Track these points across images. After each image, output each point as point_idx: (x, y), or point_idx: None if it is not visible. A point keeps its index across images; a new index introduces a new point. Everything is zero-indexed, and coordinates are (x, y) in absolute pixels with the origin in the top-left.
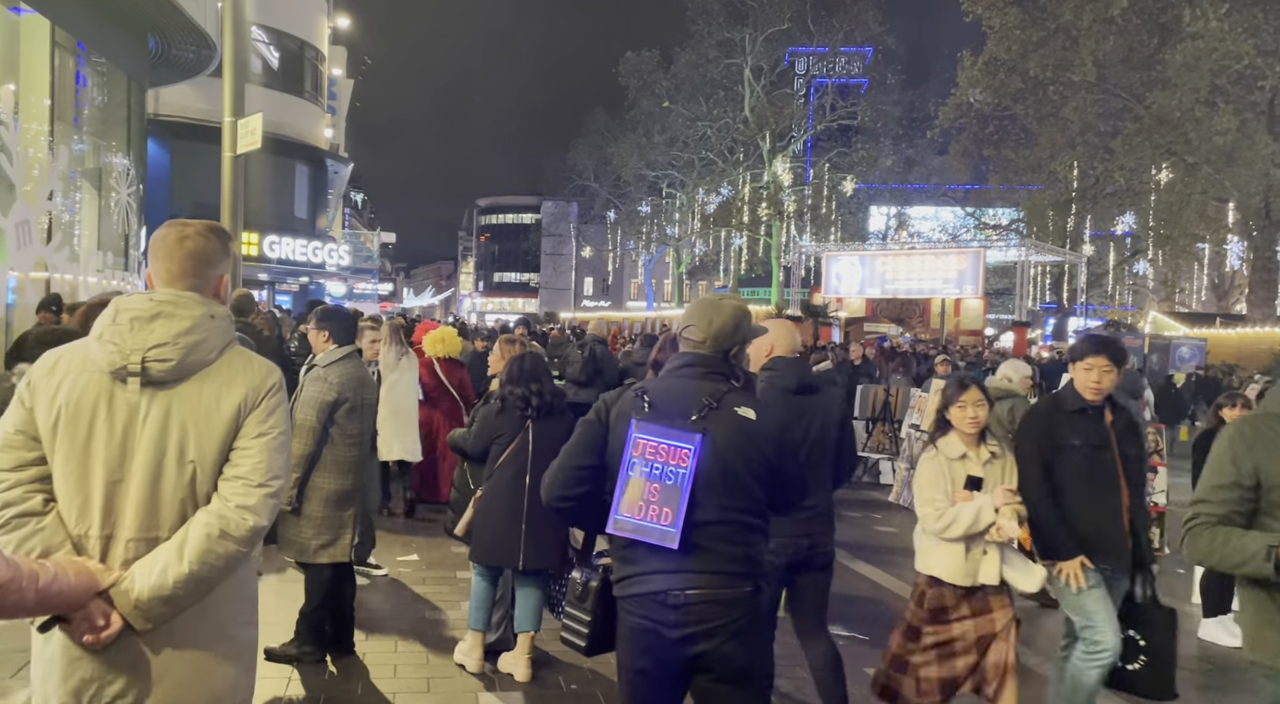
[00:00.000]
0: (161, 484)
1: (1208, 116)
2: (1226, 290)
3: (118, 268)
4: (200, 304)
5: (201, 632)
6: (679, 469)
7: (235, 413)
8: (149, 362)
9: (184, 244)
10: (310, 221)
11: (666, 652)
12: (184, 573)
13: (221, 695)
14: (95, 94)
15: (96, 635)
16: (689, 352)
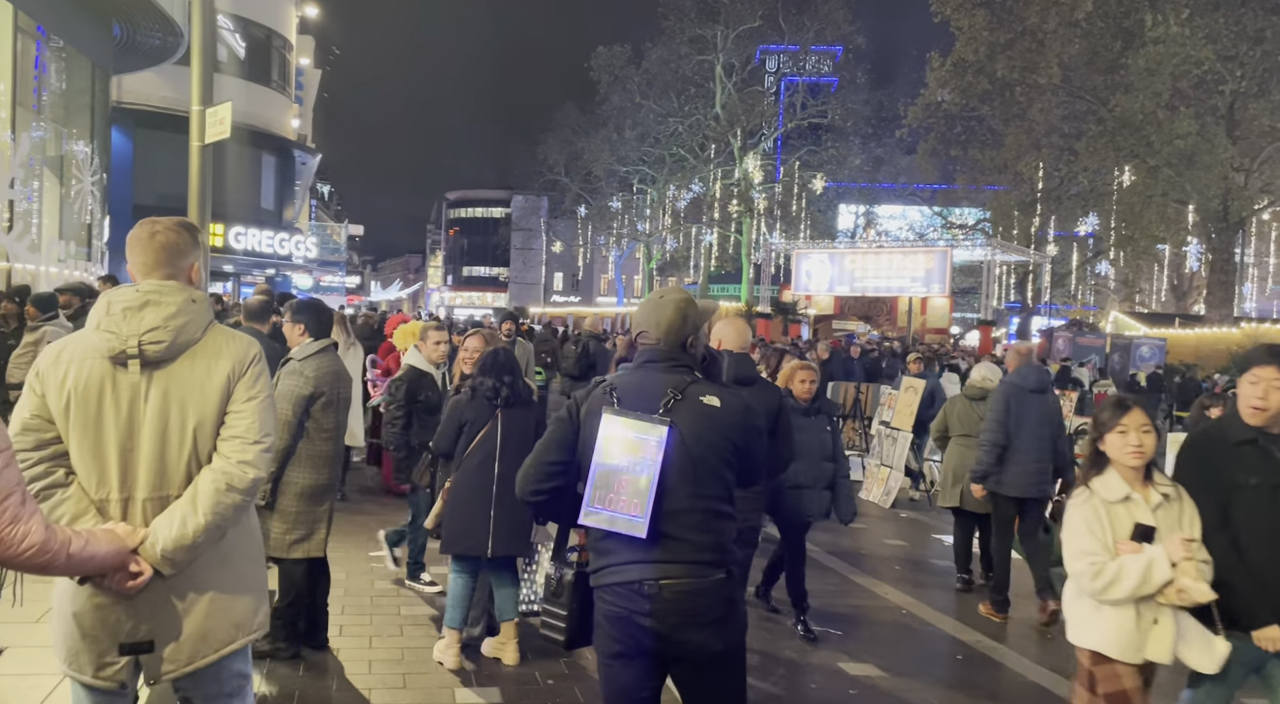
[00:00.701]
0: (167, 450)
1: (1169, 120)
2: (1185, 291)
3: (80, 257)
4: (182, 290)
5: (219, 571)
6: (645, 460)
7: (225, 382)
8: (145, 345)
9: (155, 239)
10: (277, 213)
11: (643, 639)
12: (200, 523)
13: (241, 623)
14: (56, 80)
15: (131, 583)
16: (648, 347)
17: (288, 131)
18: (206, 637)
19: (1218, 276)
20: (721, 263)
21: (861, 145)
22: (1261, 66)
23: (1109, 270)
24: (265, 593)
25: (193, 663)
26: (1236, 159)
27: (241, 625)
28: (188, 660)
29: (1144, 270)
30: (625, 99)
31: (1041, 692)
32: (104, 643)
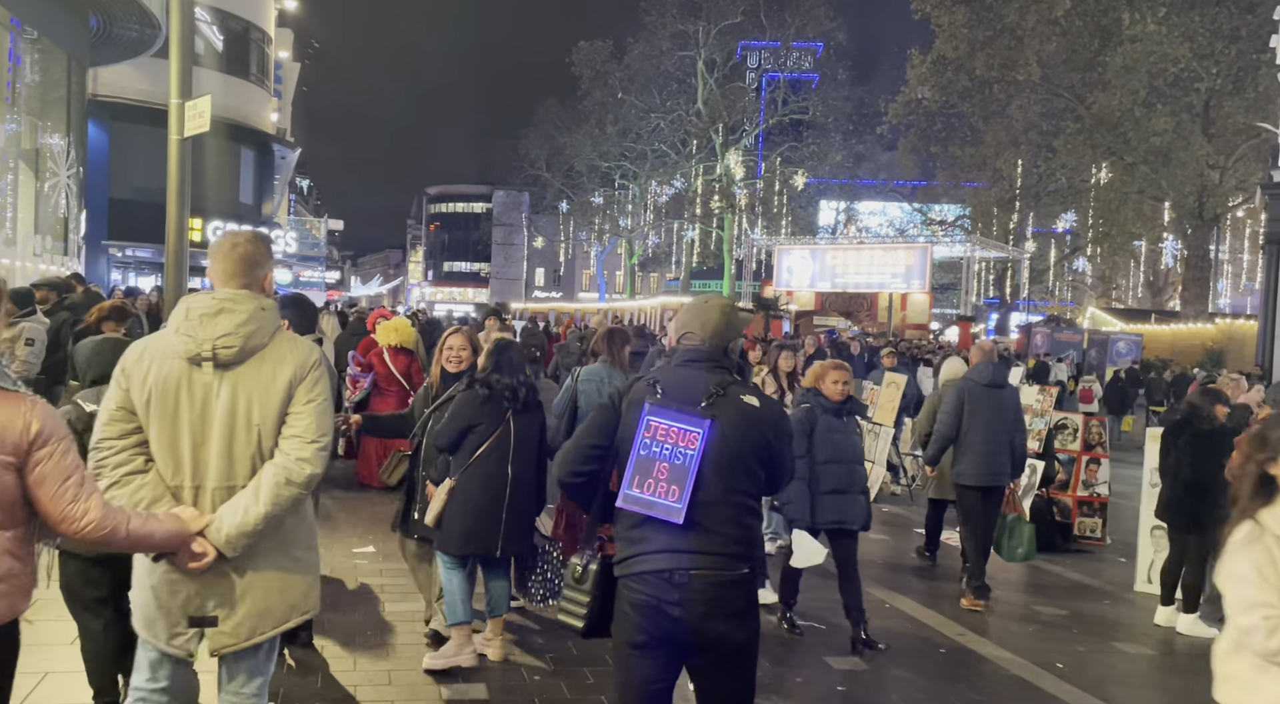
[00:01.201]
0: (234, 444)
1: (1145, 117)
2: (1161, 287)
3: (56, 252)
4: (253, 299)
5: (277, 555)
6: (688, 450)
7: (288, 385)
8: (218, 349)
9: (235, 250)
10: (256, 207)
11: (668, 628)
12: (260, 513)
13: (296, 604)
14: (31, 72)
15: (196, 562)
16: (693, 346)
17: (266, 125)
18: (265, 615)
19: (1193, 273)
20: (703, 258)
21: (842, 141)
22: (1236, 65)
23: (1086, 266)
24: (318, 576)
25: (251, 638)
26: (1212, 156)
27: (296, 606)
28: (247, 636)
29: (1120, 267)
30: (607, 94)
31: (1023, 684)
32: (175, 615)
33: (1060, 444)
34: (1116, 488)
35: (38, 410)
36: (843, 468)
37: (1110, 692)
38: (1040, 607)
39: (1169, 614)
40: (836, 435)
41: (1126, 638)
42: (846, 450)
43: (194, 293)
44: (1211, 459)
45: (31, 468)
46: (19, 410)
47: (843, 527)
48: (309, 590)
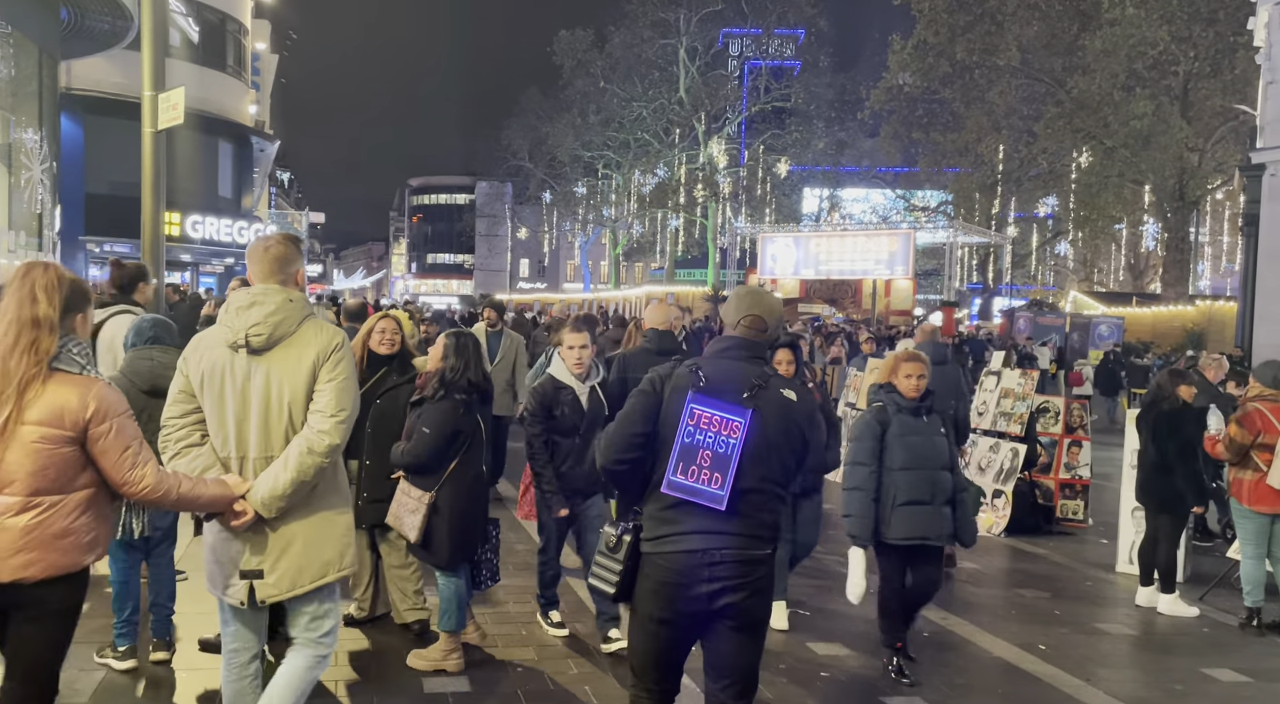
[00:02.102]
0: (269, 420)
1: (1125, 101)
2: (1142, 270)
3: (31, 248)
4: (281, 292)
5: (311, 517)
6: (730, 439)
7: (312, 366)
8: (250, 336)
9: (269, 252)
10: (235, 201)
11: (695, 604)
12: (289, 478)
13: (330, 561)
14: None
15: (238, 521)
16: (736, 336)
17: (244, 118)
18: (303, 569)
19: (1173, 255)
20: (687, 247)
21: (825, 129)
22: (1214, 47)
23: (1068, 250)
24: (351, 539)
25: (293, 590)
26: (1191, 139)
27: (330, 563)
28: (289, 587)
29: (1102, 250)
30: (589, 83)
31: (1006, 667)
32: (228, 569)
33: (1042, 427)
34: (1098, 469)
35: (95, 391)
36: (922, 475)
37: (1092, 672)
38: (1022, 589)
39: (1149, 594)
40: (913, 438)
41: (1108, 619)
42: (927, 455)
43: (241, 289)
44: (1177, 439)
45: (93, 442)
46: (80, 392)
47: (926, 543)
48: (344, 550)
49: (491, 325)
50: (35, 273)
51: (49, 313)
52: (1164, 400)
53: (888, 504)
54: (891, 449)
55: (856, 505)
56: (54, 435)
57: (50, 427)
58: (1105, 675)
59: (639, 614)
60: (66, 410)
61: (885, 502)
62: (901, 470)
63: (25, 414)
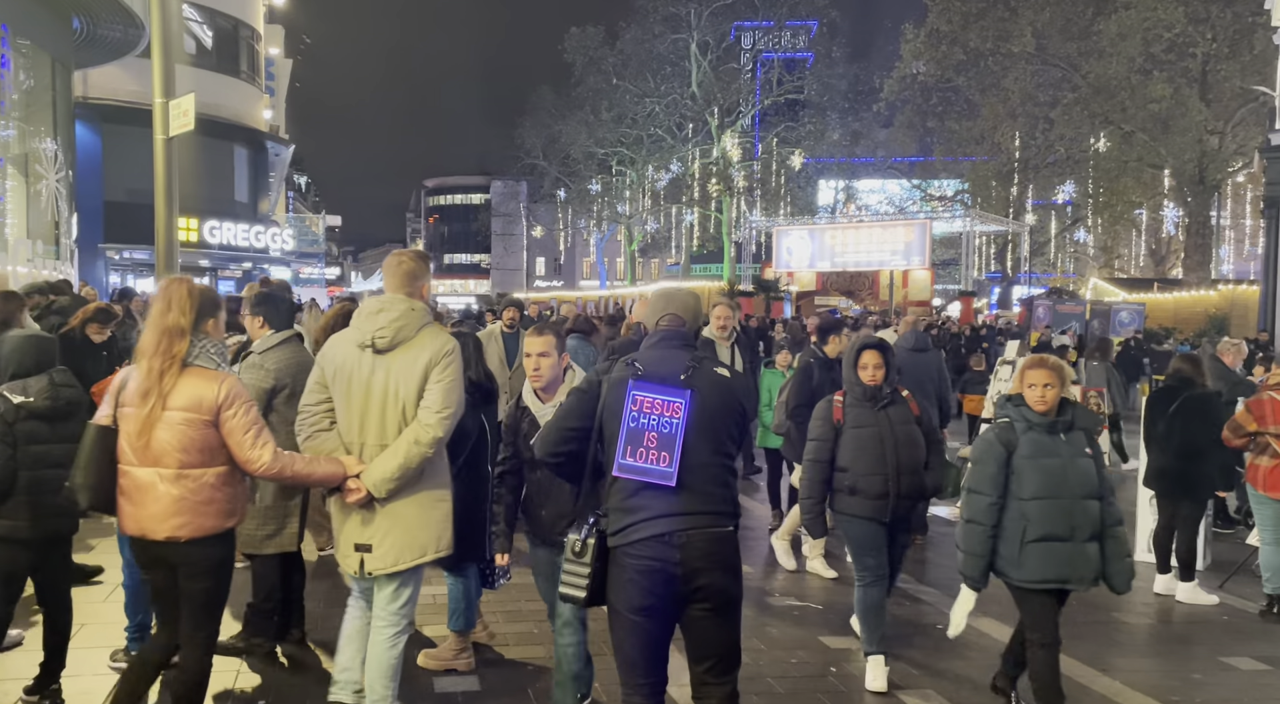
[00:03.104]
0: (387, 412)
1: (1142, 85)
2: (1163, 255)
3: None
4: (404, 302)
5: (414, 502)
6: (673, 420)
7: (425, 367)
8: (375, 338)
9: (401, 267)
10: (251, 206)
11: (670, 587)
12: (397, 464)
13: (428, 543)
14: (20, 77)
15: (350, 498)
16: (666, 329)
17: (259, 123)
18: (406, 547)
19: (1195, 240)
20: (703, 242)
21: (839, 120)
22: (1232, 28)
23: (1087, 237)
24: (448, 526)
25: (396, 565)
26: (1210, 122)
27: (429, 544)
28: (393, 562)
29: (1122, 236)
30: (601, 80)
31: None
32: (345, 542)
33: None
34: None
35: (226, 383)
36: (1060, 505)
37: (1109, 662)
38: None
39: (1167, 582)
40: (1048, 460)
41: (1125, 608)
42: (1066, 481)
43: (370, 297)
44: (1209, 424)
45: (223, 424)
46: (214, 384)
47: (1065, 586)
48: (442, 533)
49: (509, 326)
50: (172, 288)
51: (180, 321)
52: (1191, 385)
53: (1016, 539)
54: (1021, 475)
55: (972, 541)
56: (195, 419)
57: (192, 412)
58: (1122, 665)
59: (618, 610)
60: (204, 399)
61: (1013, 537)
62: (1034, 500)
63: (169, 401)
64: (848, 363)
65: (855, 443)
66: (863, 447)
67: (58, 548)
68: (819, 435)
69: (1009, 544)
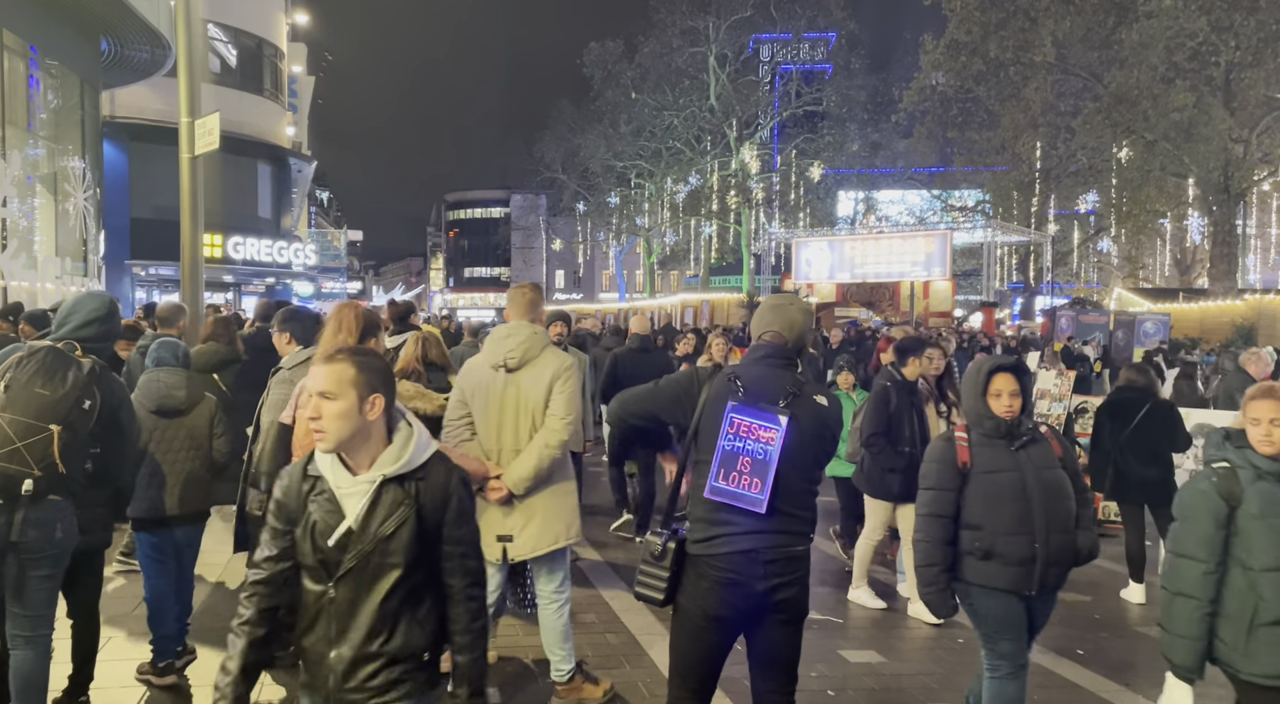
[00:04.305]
0: (519, 422)
1: (1165, 93)
2: (1188, 265)
3: (77, 273)
4: (528, 327)
5: (547, 496)
6: (768, 447)
7: (549, 382)
8: (506, 359)
9: (524, 297)
10: (275, 221)
11: (749, 600)
12: (531, 464)
13: (560, 532)
14: (49, 97)
15: (493, 495)
16: (769, 344)
17: (283, 140)
18: (541, 536)
19: (1220, 249)
20: (722, 254)
21: (858, 131)
22: (1256, 36)
23: (1111, 247)
24: (576, 515)
25: (534, 551)
26: (1235, 130)
27: (560, 533)
28: (530, 550)
29: (1146, 245)
30: (620, 94)
31: (1042, 672)
32: (488, 534)
33: (1080, 428)
34: None
35: None
36: None
37: (1131, 678)
38: (1061, 593)
39: (1142, 591)
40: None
41: (1149, 623)
42: None
43: (500, 325)
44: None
45: None
46: None
47: None
48: (571, 522)
49: (556, 342)
50: (342, 312)
51: (350, 341)
52: (1152, 395)
53: (1244, 621)
54: (1248, 537)
55: (1183, 621)
56: None
57: None
58: (1144, 680)
59: (687, 615)
60: None
61: (1238, 617)
62: (1268, 572)
63: None
64: (973, 390)
65: (989, 493)
66: (999, 498)
67: (91, 561)
68: (939, 482)
69: (1232, 626)
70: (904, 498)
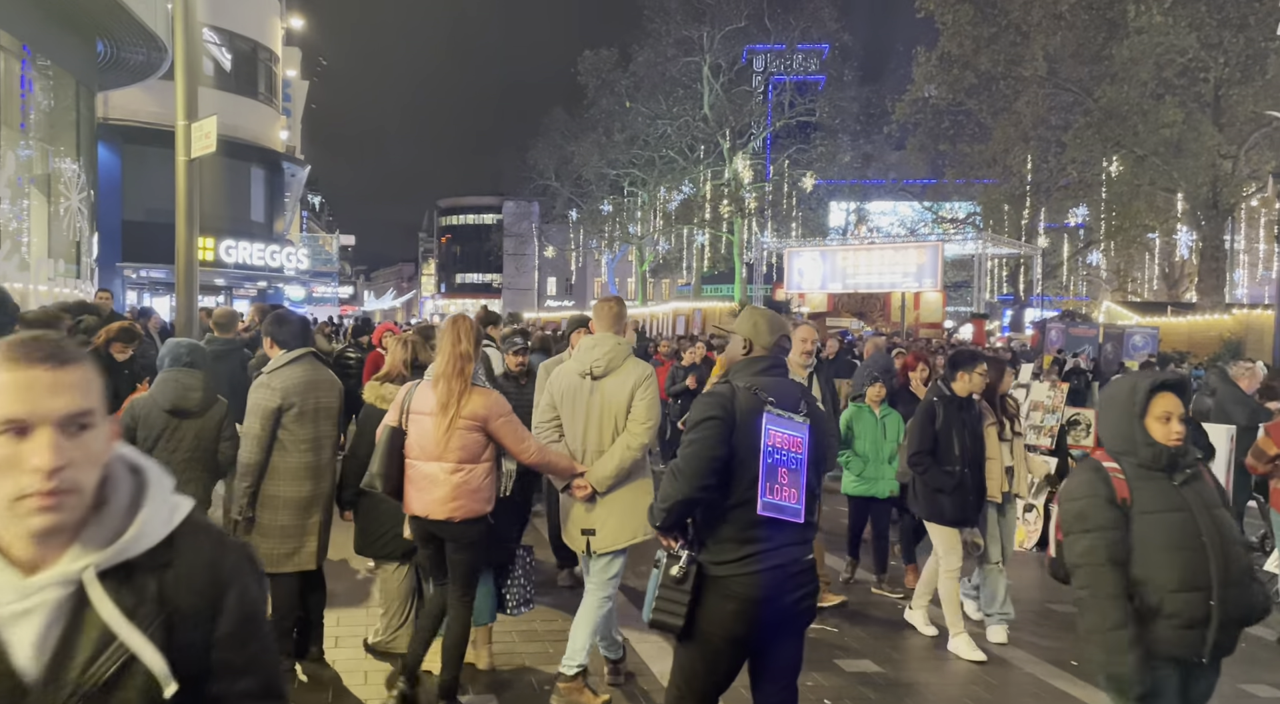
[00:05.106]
0: (603, 425)
1: (1154, 109)
2: (1177, 279)
3: (69, 275)
4: (612, 339)
5: (627, 494)
6: (797, 455)
7: (631, 389)
8: (593, 368)
9: (610, 311)
10: (267, 225)
11: (777, 616)
12: (614, 465)
13: (637, 528)
14: (42, 98)
15: (579, 493)
16: (773, 356)
17: (276, 144)
18: (620, 530)
19: (1209, 264)
20: (714, 263)
21: (850, 142)
22: (1245, 53)
23: (1100, 260)
24: None
25: (614, 545)
26: (1223, 146)
27: (637, 529)
28: (611, 543)
29: (1135, 259)
30: (614, 102)
31: (1036, 683)
32: (573, 528)
33: (1073, 439)
34: None
35: (494, 398)
36: None
37: None
38: (1054, 604)
39: None
40: None
41: None
42: None
43: (587, 336)
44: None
45: (495, 429)
46: (487, 399)
47: None
48: (647, 523)
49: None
50: (459, 324)
51: (468, 349)
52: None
53: None
54: None
55: None
56: (473, 425)
57: (473, 420)
58: None
59: (707, 638)
60: (479, 409)
61: None
62: None
63: (461, 411)
64: (1126, 412)
65: (1154, 538)
66: (1169, 545)
67: None
68: (1101, 521)
69: None
70: (956, 521)
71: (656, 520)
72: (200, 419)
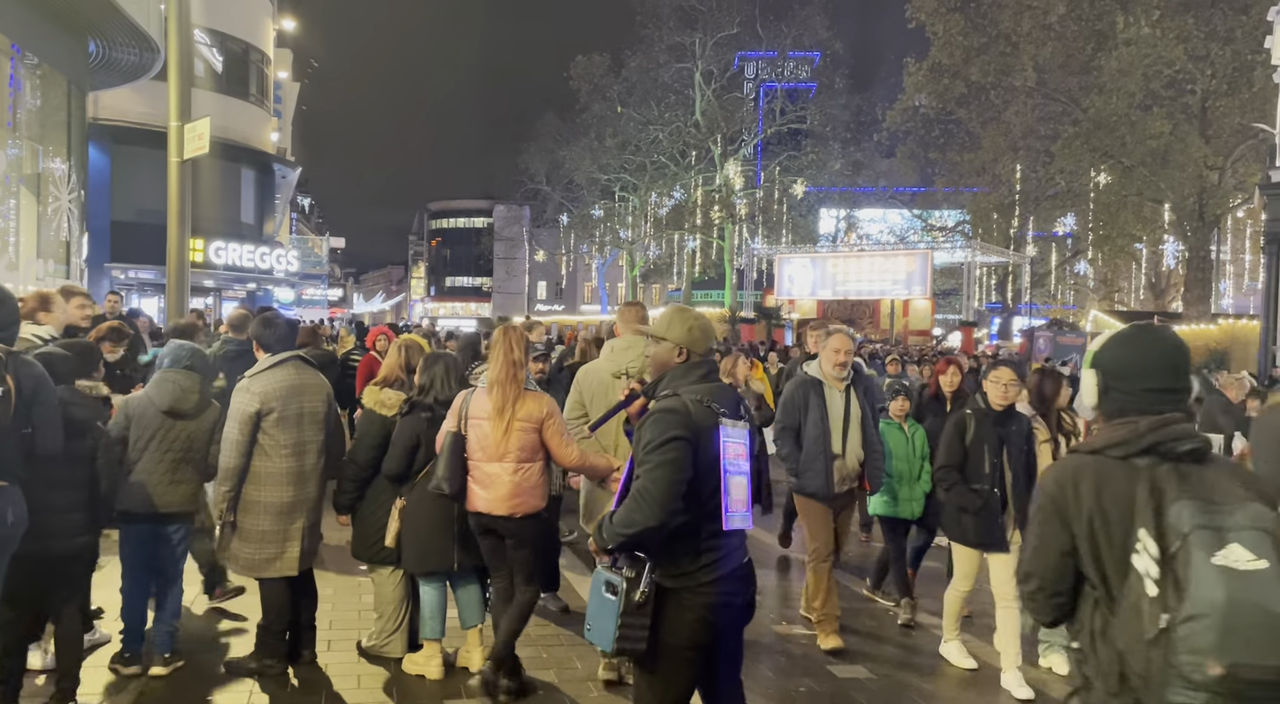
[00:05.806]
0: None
1: (1142, 120)
2: (1163, 289)
3: (58, 275)
4: (641, 338)
5: None
6: (743, 462)
7: None
8: (627, 367)
9: (636, 315)
10: (257, 227)
11: (733, 616)
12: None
13: None
14: (31, 97)
15: (616, 485)
16: (708, 360)
17: (266, 145)
18: None
19: (1195, 274)
20: (704, 269)
21: (841, 150)
22: (1232, 66)
23: (1088, 269)
24: None
25: None
26: (1210, 157)
27: None
28: None
29: (1122, 269)
30: (606, 107)
31: (1039, 692)
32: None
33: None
34: None
35: (545, 401)
36: None
37: None
38: None
39: None
40: None
41: None
42: None
43: (614, 338)
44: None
45: (545, 431)
46: (539, 402)
47: None
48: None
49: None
50: (511, 333)
51: (521, 356)
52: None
53: None
54: None
55: None
56: (529, 427)
57: (528, 422)
58: None
59: (672, 651)
60: (534, 412)
61: None
62: None
63: (516, 414)
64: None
65: None
66: None
67: (68, 569)
68: None
69: None
70: (981, 544)
71: (611, 543)
72: (194, 421)
